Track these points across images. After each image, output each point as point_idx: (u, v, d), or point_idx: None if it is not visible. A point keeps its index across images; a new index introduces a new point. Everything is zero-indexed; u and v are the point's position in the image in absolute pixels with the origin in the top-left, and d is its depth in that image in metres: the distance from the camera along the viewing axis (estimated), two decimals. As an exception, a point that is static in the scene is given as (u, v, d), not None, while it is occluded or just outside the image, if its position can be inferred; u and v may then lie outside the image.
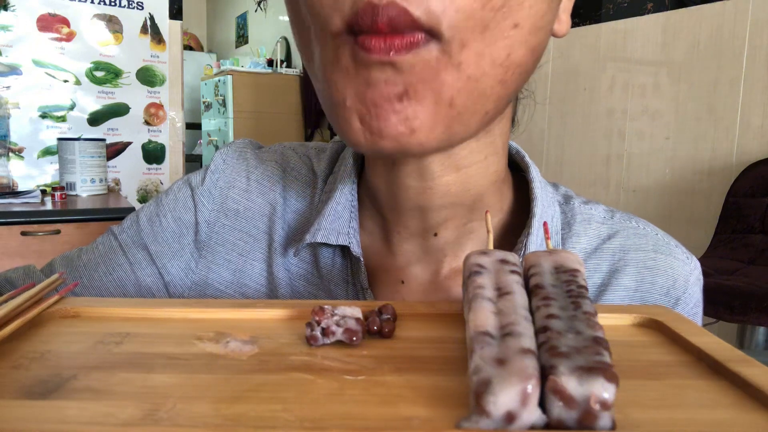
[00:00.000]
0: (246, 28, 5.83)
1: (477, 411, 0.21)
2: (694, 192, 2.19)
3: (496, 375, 0.21)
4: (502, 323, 0.25)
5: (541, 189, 0.45)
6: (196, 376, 0.25)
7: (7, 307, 0.30)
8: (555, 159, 2.67)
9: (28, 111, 2.26)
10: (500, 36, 0.31)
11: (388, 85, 0.31)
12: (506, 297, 0.27)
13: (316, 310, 0.29)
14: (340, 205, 0.45)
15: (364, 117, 0.32)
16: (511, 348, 0.23)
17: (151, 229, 0.49)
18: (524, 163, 0.47)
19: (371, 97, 0.31)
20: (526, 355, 0.22)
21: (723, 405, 0.23)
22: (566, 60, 2.58)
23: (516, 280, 0.29)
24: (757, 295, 1.51)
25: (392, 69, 0.31)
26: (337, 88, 0.33)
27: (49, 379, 0.24)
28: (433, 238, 0.44)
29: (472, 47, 0.31)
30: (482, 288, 0.28)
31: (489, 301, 0.27)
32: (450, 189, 0.41)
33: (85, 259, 0.50)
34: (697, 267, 0.46)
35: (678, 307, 0.45)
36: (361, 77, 0.31)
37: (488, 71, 0.32)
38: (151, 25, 2.47)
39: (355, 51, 0.31)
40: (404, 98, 0.31)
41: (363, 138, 0.33)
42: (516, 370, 0.21)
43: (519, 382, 0.20)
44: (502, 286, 0.28)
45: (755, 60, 2.00)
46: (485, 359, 0.22)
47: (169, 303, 0.35)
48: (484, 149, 0.41)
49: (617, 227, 0.46)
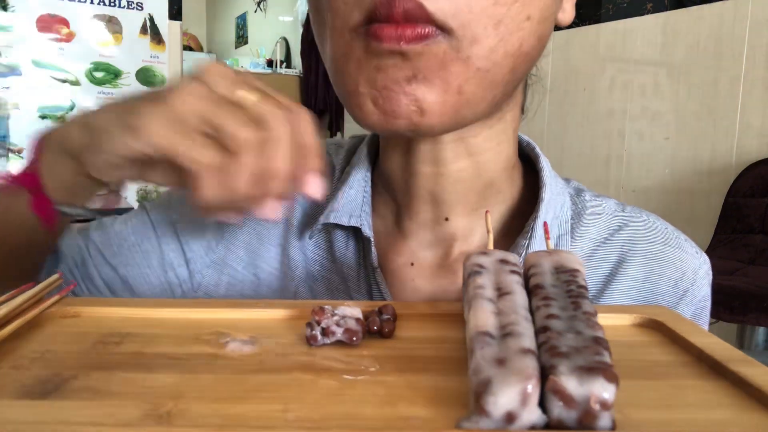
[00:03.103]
0: (245, 29, 5.83)
1: (477, 411, 0.21)
2: (694, 192, 2.19)
3: (496, 375, 0.21)
4: (502, 323, 0.25)
5: (552, 178, 0.46)
6: (196, 376, 0.25)
7: (7, 307, 0.30)
8: (555, 159, 2.66)
9: (27, 111, 2.26)
10: (515, 29, 0.34)
11: (398, 69, 0.33)
12: (506, 297, 0.27)
13: (316, 310, 0.29)
14: (353, 189, 0.47)
15: (377, 100, 0.34)
16: (511, 348, 0.23)
17: (180, 208, 0.51)
18: (534, 154, 0.48)
19: (382, 82, 0.34)
20: (526, 355, 0.22)
21: (723, 405, 0.23)
22: (566, 60, 2.58)
23: (516, 280, 0.29)
24: (757, 295, 1.51)
25: (401, 57, 0.33)
26: (350, 76, 0.35)
27: (49, 379, 0.24)
28: (444, 223, 0.45)
29: (483, 43, 0.33)
30: (482, 288, 0.28)
31: (489, 301, 0.27)
32: (462, 175, 0.43)
33: (117, 228, 0.51)
34: (706, 262, 0.47)
35: (685, 299, 0.45)
36: (372, 65, 0.34)
37: (500, 62, 0.34)
38: (150, 25, 2.47)
39: (368, 42, 0.33)
40: (413, 81, 0.33)
41: (376, 119, 0.35)
42: (516, 370, 0.21)
43: (519, 382, 0.20)
44: (502, 286, 0.28)
45: (755, 60, 2.00)
46: (485, 359, 0.22)
47: (169, 303, 0.35)
48: (497, 137, 0.42)
49: (627, 219, 0.47)
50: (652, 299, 0.44)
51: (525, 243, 0.43)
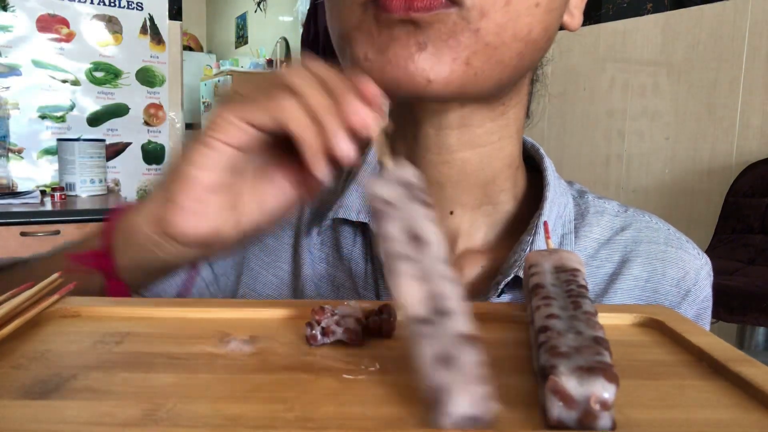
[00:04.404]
0: (246, 29, 5.83)
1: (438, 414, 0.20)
2: (694, 192, 2.19)
3: (447, 383, 0.20)
4: (431, 293, 0.24)
5: (555, 179, 0.47)
6: (196, 376, 0.25)
7: (7, 306, 0.30)
8: (555, 159, 2.64)
9: (27, 111, 2.26)
10: (524, 12, 0.35)
11: (409, 37, 0.35)
12: (421, 248, 0.26)
13: (316, 309, 0.29)
14: (362, 185, 0.47)
15: (384, 68, 0.36)
16: (451, 336, 0.22)
17: None
18: (538, 156, 0.49)
19: (393, 50, 0.35)
20: (468, 344, 0.22)
21: (723, 405, 0.23)
22: (566, 60, 2.58)
23: (425, 214, 0.27)
24: (757, 295, 1.51)
25: (413, 25, 0.34)
26: (360, 47, 0.37)
27: (49, 379, 0.24)
28: (448, 217, 0.46)
29: (492, 18, 0.34)
30: (394, 241, 0.26)
31: (407, 260, 0.25)
32: (466, 166, 0.44)
33: None
34: (708, 263, 0.47)
35: (688, 298, 0.45)
36: (383, 35, 0.35)
37: (509, 43, 0.36)
38: (150, 25, 2.46)
39: (378, 14, 0.35)
40: (423, 51, 0.35)
41: (383, 85, 0.35)
42: (467, 376, 0.21)
43: (472, 393, 0.20)
44: (412, 229, 0.27)
45: (755, 60, 2.00)
46: (429, 361, 0.21)
47: (169, 303, 0.35)
48: (499, 131, 0.43)
49: (630, 220, 0.48)
50: (655, 299, 0.44)
51: (529, 239, 0.43)
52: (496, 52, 0.36)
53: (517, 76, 0.40)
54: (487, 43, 0.35)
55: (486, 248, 0.46)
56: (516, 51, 0.36)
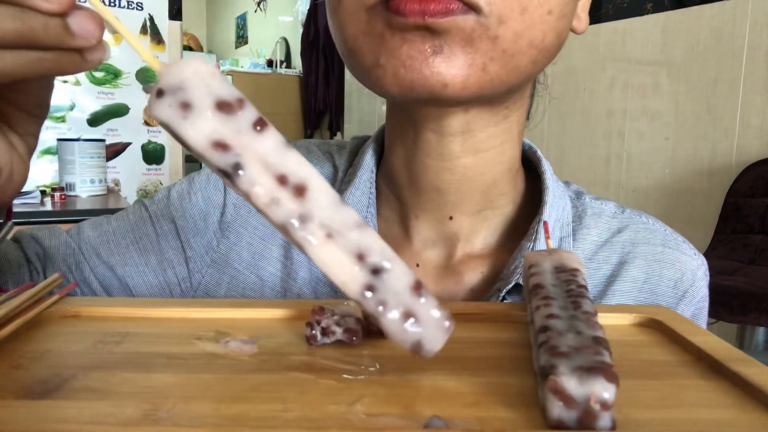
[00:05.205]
0: (245, 29, 5.83)
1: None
2: (693, 192, 2.19)
3: (420, 337, 0.24)
4: (360, 251, 0.24)
5: (553, 181, 0.47)
6: (196, 376, 0.25)
7: (7, 307, 0.30)
8: (555, 159, 2.67)
9: (27, 111, 2.25)
10: (538, 20, 0.35)
11: (425, 40, 0.34)
12: (304, 199, 0.23)
13: (315, 309, 0.29)
14: (359, 190, 0.47)
15: (398, 70, 0.35)
16: (399, 292, 0.24)
17: (181, 205, 0.50)
18: (536, 158, 0.48)
19: (407, 52, 0.34)
20: (417, 293, 0.24)
21: (723, 405, 0.23)
22: (566, 60, 2.58)
23: (297, 160, 0.23)
24: (757, 295, 1.51)
25: (428, 31, 0.34)
26: (370, 52, 0.36)
27: (49, 379, 0.24)
28: (448, 222, 0.45)
29: (510, 25, 0.34)
30: (278, 205, 0.23)
31: (303, 221, 0.23)
32: (467, 172, 0.43)
33: (114, 226, 0.51)
34: (704, 264, 0.47)
35: (685, 299, 0.45)
36: (396, 38, 0.34)
37: (525, 50, 0.35)
38: (150, 25, 2.47)
39: (389, 18, 0.34)
40: (438, 55, 0.34)
41: (398, 89, 0.35)
42: (434, 324, 0.24)
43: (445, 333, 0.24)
44: (288, 176, 0.22)
45: (755, 60, 2.00)
46: (398, 327, 0.24)
47: (169, 303, 0.35)
48: (502, 135, 0.43)
49: (627, 222, 0.47)
50: (652, 300, 0.44)
51: (529, 245, 0.43)
52: (512, 59, 0.35)
53: (527, 82, 0.40)
54: (504, 50, 0.35)
55: (485, 253, 0.46)
56: (531, 58, 0.36)
